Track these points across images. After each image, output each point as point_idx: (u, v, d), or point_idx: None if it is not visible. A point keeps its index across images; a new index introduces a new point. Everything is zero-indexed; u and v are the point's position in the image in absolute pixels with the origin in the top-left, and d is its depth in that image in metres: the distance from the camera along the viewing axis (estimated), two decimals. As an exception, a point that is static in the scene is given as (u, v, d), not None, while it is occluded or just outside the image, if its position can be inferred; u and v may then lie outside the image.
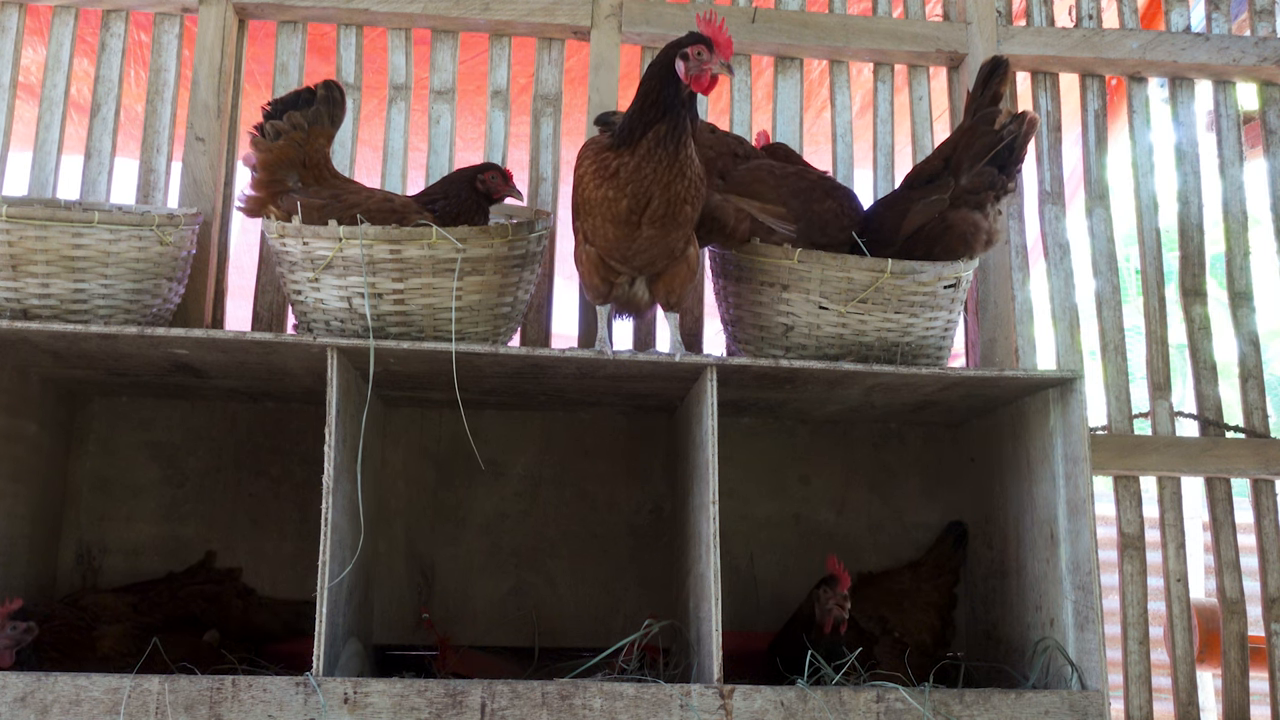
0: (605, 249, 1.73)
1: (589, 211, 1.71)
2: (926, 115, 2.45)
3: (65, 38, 2.30)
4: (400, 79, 2.35)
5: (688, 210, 1.70)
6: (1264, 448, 2.37)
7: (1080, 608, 1.76)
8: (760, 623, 2.04)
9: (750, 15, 2.38)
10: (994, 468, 2.12)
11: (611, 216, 1.68)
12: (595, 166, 1.69)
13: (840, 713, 1.62)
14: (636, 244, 1.71)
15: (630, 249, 1.72)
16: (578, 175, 1.73)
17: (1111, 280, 2.43)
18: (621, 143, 1.66)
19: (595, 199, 1.68)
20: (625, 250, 1.72)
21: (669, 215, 1.67)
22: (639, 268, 1.76)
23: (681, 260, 1.77)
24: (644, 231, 1.69)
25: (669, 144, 1.63)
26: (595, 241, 1.73)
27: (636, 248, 1.71)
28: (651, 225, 1.68)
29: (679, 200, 1.67)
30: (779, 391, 1.98)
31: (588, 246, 1.75)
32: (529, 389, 2.00)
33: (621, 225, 1.68)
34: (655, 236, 1.70)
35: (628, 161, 1.65)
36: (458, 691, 1.58)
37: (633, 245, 1.71)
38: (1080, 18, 2.50)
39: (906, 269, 1.81)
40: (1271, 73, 2.52)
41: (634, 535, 2.21)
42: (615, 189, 1.65)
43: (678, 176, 1.65)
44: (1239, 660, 2.31)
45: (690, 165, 1.66)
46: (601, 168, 1.67)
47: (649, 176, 1.64)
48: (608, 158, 1.67)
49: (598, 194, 1.67)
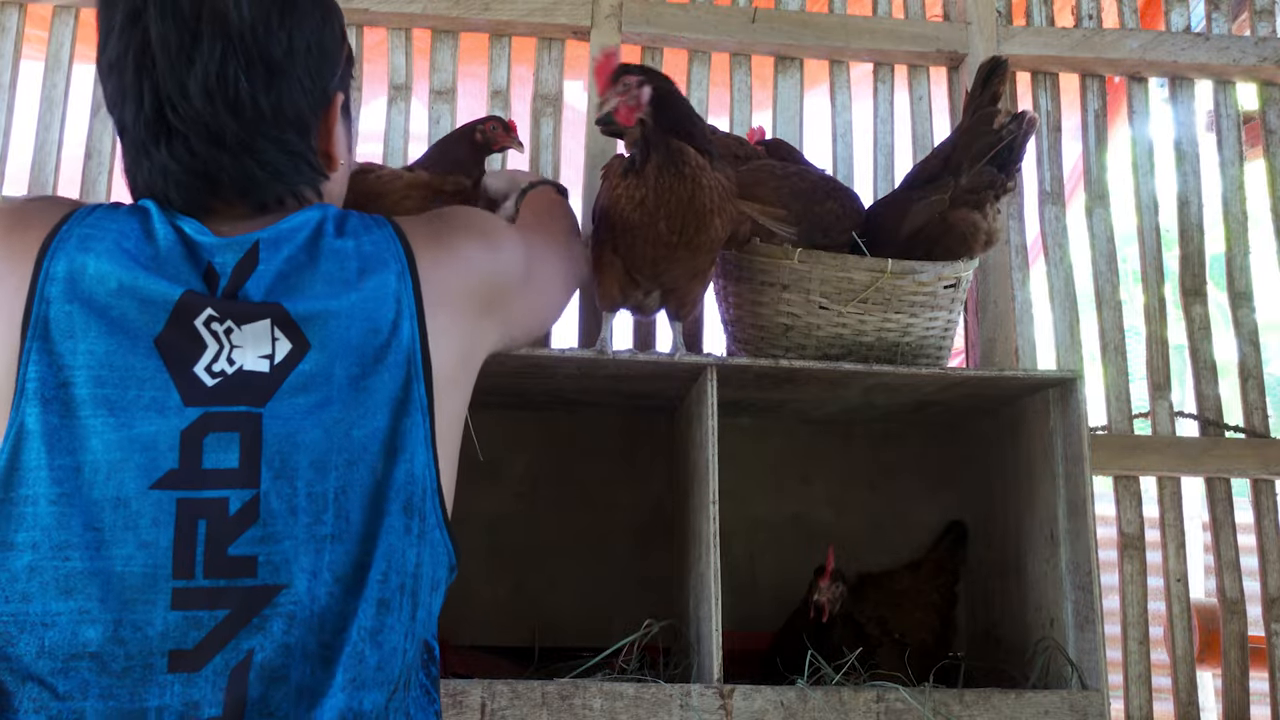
0: (634, 264, 1.70)
1: (625, 227, 1.66)
2: (926, 115, 2.45)
3: (65, 38, 2.30)
4: (400, 79, 2.35)
5: (717, 224, 1.64)
6: (1264, 448, 2.37)
7: (1080, 608, 1.76)
8: (760, 623, 2.04)
9: (750, 15, 2.38)
10: (994, 468, 2.12)
11: (651, 238, 1.64)
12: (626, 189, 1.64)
13: (840, 712, 1.62)
14: (666, 263, 1.68)
15: (659, 266, 1.70)
16: (613, 193, 1.67)
17: (1111, 280, 2.43)
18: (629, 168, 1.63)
19: (634, 220, 1.63)
20: (654, 267, 1.70)
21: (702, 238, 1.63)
22: (663, 283, 1.75)
23: (701, 279, 1.77)
24: (678, 254, 1.66)
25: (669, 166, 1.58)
26: (625, 255, 1.70)
27: (664, 266, 1.69)
28: (686, 248, 1.65)
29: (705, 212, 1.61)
30: (779, 391, 1.98)
31: (614, 257, 1.72)
32: (529, 389, 2.00)
33: (660, 245, 1.64)
34: (686, 258, 1.68)
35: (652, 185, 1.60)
36: (457, 691, 1.58)
37: (661, 264, 1.69)
38: (1080, 18, 2.50)
39: (906, 269, 1.81)
40: (1271, 73, 2.52)
41: (634, 535, 2.21)
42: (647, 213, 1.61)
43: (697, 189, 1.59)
44: (1239, 660, 2.31)
45: (703, 174, 1.60)
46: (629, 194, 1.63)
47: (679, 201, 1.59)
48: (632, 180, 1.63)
49: (635, 215, 1.63)
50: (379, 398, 0.98)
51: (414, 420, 1.00)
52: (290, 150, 1.07)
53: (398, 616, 0.97)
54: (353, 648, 0.93)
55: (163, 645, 0.90)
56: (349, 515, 0.95)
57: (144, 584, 0.91)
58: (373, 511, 0.97)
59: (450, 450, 1.08)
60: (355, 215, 1.07)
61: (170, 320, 0.96)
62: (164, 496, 0.92)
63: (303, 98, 1.07)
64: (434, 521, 1.03)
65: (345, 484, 0.95)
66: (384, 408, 0.98)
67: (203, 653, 0.90)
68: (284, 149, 1.06)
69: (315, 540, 0.93)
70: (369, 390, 0.98)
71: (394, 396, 0.99)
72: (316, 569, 0.93)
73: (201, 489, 0.92)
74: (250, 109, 1.02)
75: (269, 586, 0.91)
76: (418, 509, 1.00)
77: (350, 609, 0.93)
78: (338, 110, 1.13)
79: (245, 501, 0.92)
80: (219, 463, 0.93)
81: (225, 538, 0.91)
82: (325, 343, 0.97)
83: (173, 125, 1.02)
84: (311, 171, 1.11)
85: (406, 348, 1.00)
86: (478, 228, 1.17)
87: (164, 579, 0.91)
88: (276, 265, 1.00)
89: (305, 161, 1.10)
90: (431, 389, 1.01)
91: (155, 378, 0.94)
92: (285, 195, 1.08)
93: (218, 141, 1.03)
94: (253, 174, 1.05)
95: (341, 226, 1.05)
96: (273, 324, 0.97)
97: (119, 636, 0.90)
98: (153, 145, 1.03)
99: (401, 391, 0.99)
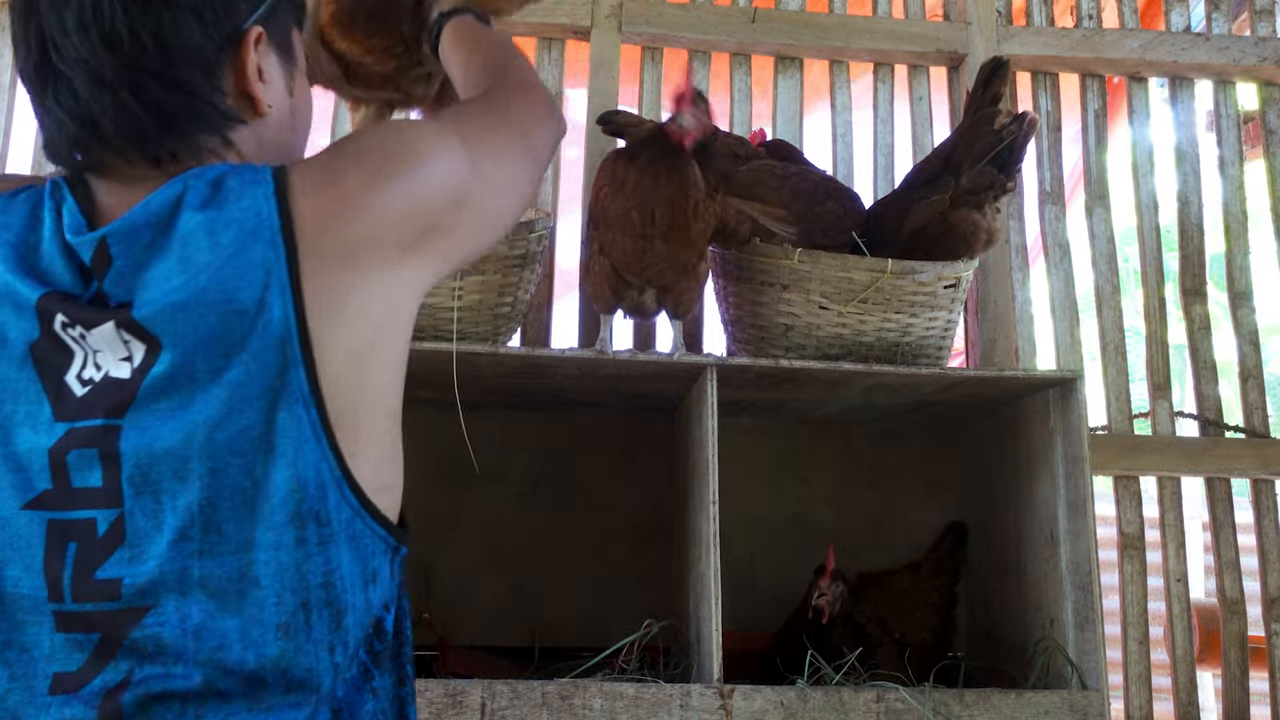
0: (621, 261, 1.75)
1: (606, 224, 1.73)
2: (926, 115, 2.45)
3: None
4: (400, 79, 2.35)
5: (698, 228, 1.71)
6: (1264, 448, 2.37)
7: (1080, 608, 1.76)
8: (760, 623, 2.04)
9: (750, 15, 2.38)
10: (994, 468, 2.12)
11: (626, 229, 1.70)
12: (609, 175, 1.71)
13: (840, 712, 1.62)
14: (649, 257, 1.72)
15: (643, 261, 1.73)
16: (596, 186, 1.75)
17: (1111, 280, 2.43)
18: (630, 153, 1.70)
19: (611, 212, 1.70)
20: (639, 263, 1.73)
21: (676, 228, 1.69)
22: (650, 280, 1.78)
23: (692, 275, 1.80)
24: (657, 245, 1.70)
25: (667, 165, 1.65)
26: (611, 253, 1.75)
27: (649, 260, 1.73)
28: (663, 240, 1.70)
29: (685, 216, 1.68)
30: (779, 391, 1.98)
31: (601, 258, 1.76)
32: (529, 389, 2.00)
33: (636, 238, 1.69)
34: (666, 252, 1.72)
35: (628, 178, 1.67)
36: (457, 691, 1.58)
37: (645, 258, 1.73)
38: (1080, 18, 2.50)
39: (906, 269, 1.81)
40: (1271, 73, 2.52)
41: (634, 535, 2.21)
42: (624, 200, 1.67)
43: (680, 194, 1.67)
44: (1239, 660, 2.31)
45: (695, 186, 1.68)
46: (613, 176, 1.70)
47: (649, 188, 1.66)
48: (620, 165, 1.70)
49: (612, 207, 1.69)
50: (247, 391, 0.86)
51: (294, 414, 0.87)
52: (185, 90, 0.95)
53: (309, 635, 0.89)
54: (244, 667, 0.87)
55: (48, 668, 0.87)
56: (220, 528, 0.86)
57: (31, 606, 0.87)
58: (249, 522, 0.87)
59: (375, 428, 0.94)
60: (235, 175, 0.92)
61: (41, 326, 0.89)
62: (35, 517, 0.88)
63: (197, 31, 0.95)
64: (346, 518, 0.91)
65: (212, 494, 0.86)
66: (254, 402, 0.86)
67: (84, 675, 0.87)
68: (175, 88, 0.94)
69: (183, 558, 0.86)
70: (233, 385, 0.86)
71: (267, 387, 0.87)
72: (185, 588, 0.86)
73: (71, 510, 0.87)
74: (128, 41, 0.92)
75: (135, 609, 0.86)
76: (312, 515, 0.88)
77: (232, 628, 0.87)
78: (252, 46, 0.99)
79: (111, 522, 0.87)
80: (85, 481, 0.87)
81: (93, 560, 0.87)
82: (178, 339, 0.86)
83: (57, 68, 0.93)
84: (217, 115, 0.97)
85: (279, 328, 0.87)
86: (386, 153, 0.97)
87: (43, 601, 0.87)
88: (132, 257, 0.89)
89: (206, 103, 0.97)
90: (316, 372, 0.88)
91: (29, 390, 0.89)
92: (180, 148, 0.96)
93: (99, 80, 0.92)
94: (137, 117, 0.93)
95: (209, 196, 0.91)
96: (117, 326, 0.87)
97: (5, 658, 0.88)
98: (42, 92, 0.94)
99: (276, 380, 0.87)
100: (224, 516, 0.87)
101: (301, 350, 0.88)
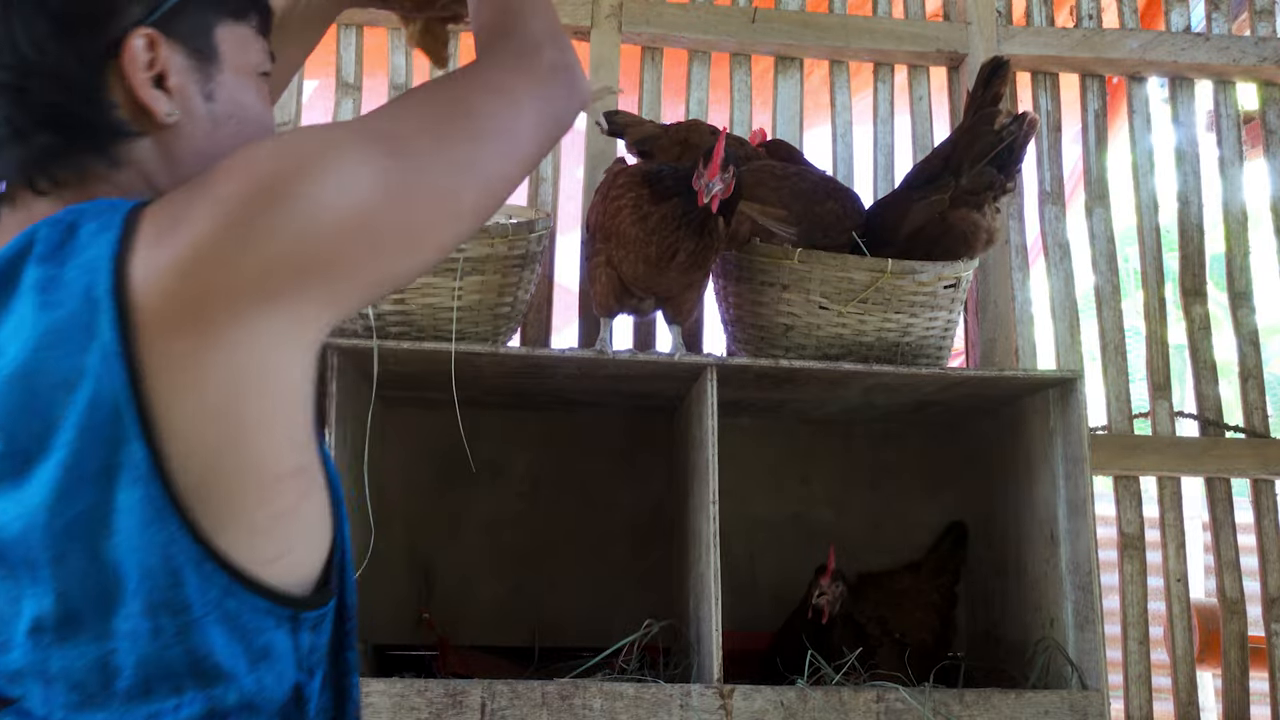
0: (630, 278, 1.77)
1: (619, 242, 1.74)
2: (926, 115, 2.45)
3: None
4: (400, 79, 2.35)
5: (712, 261, 1.79)
6: (1264, 448, 2.37)
7: (1080, 608, 1.76)
8: (760, 623, 2.04)
9: (750, 15, 2.38)
10: (994, 468, 2.12)
11: (643, 257, 1.73)
12: (632, 202, 1.72)
13: (840, 713, 1.62)
14: (661, 279, 1.76)
15: (653, 281, 1.76)
16: (617, 205, 1.74)
17: (1111, 280, 2.43)
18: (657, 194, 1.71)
19: (629, 235, 1.72)
20: (648, 281, 1.77)
21: (693, 265, 1.74)
22: (656, 293, 1.81)
23: (696, 288, 1.83)
24: (670, 274, 1.74)
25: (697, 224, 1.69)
26: (620, 269, 1.76)
27: (659, 281, 1.76)
28: (679, 271, 1.74)
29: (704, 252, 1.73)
30: (779, 391, 1.98)
31: (609, 269, 1.78)
32: (529, 389, 2.00)
33: (651, 265, 1.73)
34: (677, 278, 1.76)
35: (653, 212, 1.69)
36: (457, 691, 1.58)
37: (657, 279, 1.76)
38: (1080, 18, 2.50)
39: (906, 269, 1.81)
40: (1271, 73, 2.52)
41: (634, 535, 2.21)
42: (645, 232, 1.70)
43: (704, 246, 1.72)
44: (1239, 660, 2.31)
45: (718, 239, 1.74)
46: (636, 205, 1.71)
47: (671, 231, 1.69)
48: (645, 196, 1.71)
49: (631, 232, 1.71)
50: (78, 473, 0.77)
51: (132, 494, 0.77)
52: (53, 105, 0.86)
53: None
54: None
55: None
56: (76, 614, 0.79)
57: None
58: (106, 610, 0.79)
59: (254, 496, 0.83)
60: (91, 219, 0.81)
61: None
62: None
63: (59, 41, 0.85)
64: (215, 597, 0.81)
65: (63, 583, 0.78)
66: (88, 484, 0.77)
67: None
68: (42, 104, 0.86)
69: (41, 648, 0.80)
70: (64, 466, 0.77)
71: (101, 467, 0.77)
72: (48, 677, 0.80)
73: None
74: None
75: (4, 699, 0.81)
76: (164, 605, 0.79)
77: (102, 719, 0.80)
78: (141, 51, 0.87)
79: None
80: None
81: None
82: (6, 416, 0.78)
83: None
84: (99, 131, 0.88)
85: (108, 399, 0.77)
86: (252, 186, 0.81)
87: None
88: None
89: (80, 119, 0.87)
90: (157, 446, 0.78)
91: None
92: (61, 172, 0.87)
93: None
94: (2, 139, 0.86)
95: (57, 246, 0.80)
96: None
97: None
98: None
99: (110, 459, 0.77)
100: (79, 605, 0.79)
101: (141, 424, 0.77)
